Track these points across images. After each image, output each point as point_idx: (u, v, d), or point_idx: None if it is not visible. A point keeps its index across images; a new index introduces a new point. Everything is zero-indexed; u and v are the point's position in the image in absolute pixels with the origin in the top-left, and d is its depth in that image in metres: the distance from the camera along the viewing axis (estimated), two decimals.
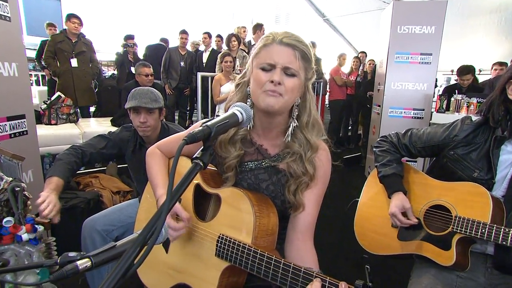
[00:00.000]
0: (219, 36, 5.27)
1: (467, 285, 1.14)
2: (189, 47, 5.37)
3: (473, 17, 6.40)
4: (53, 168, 1.56)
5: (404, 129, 1.45)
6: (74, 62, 4.09)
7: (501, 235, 1.00)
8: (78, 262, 0.57)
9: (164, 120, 1.88)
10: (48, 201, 1.35)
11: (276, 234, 0.90)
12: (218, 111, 3.90)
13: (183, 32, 4.87)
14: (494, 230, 1.01)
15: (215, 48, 5.23)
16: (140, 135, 1.72)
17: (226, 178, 0.98)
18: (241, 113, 0.74)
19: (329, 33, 9.51)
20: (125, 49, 4.70)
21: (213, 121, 0.68)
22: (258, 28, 4.64)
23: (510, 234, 0.98)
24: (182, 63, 4.86)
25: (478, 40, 6.83)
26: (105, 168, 3.38)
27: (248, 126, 0.94)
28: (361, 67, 5.87)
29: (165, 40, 5.45)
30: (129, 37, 4.96)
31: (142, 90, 1.68)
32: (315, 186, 0.96)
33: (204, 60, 5.06)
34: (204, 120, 1.06)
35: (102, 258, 0.59)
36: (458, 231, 1.10)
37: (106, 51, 6.52)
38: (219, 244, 0.86)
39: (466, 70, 4.10)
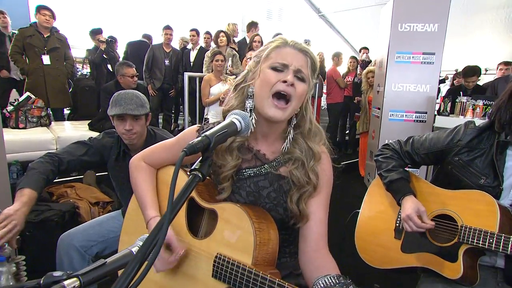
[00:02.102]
0: (208, 33, 5.28)
1: None
2: (176, 44, 5.38)
3: (479, 14, 6.59)
4: (25, 178, 1.53)
5: (406, 135, 1.50)
6: (46, 59, 4.02)
7: (509, 245, 1.04)
8: (65, 282, 0.57)
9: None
10: (7, 221, 1.27)
11: (276, 252, 0.91)
12: (207, 114, 3.92)
13: (168, 27, 4.88)
14: (502, 240, 1.06)
15: (204, 46, 5.25)
16: (126, 142, 1.72)
17: (222, 189, 1.00)
18: (240, 122, 0.76)
19: (325, 30, 9.65)
20: (106, 46, 4.65)
21: (211, 130, 0.70)
22: (253, 25, 4.69)
23: None
24: (166, 62, 4.87)
25: (484, 37, 7.04)
26: (82, 176, 3.35)
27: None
28: (359, 68, 5.97)
29: (148, 37, 5.46)
30: (97, 32, 4.87)
31: (126, 95, 1.67)
32: (320, 194, 1.00)
33: (192, 58, 5.08)
34: (196, 127, 1.09)
35: (92, 277, 0.60)
36: (465, 241, 1.14)
37: (82, 47, 6.47)
38: (216, 265, 0.87)
39: (471, 72, 4.24)
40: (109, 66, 4.83)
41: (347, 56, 6.33)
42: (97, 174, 3.37)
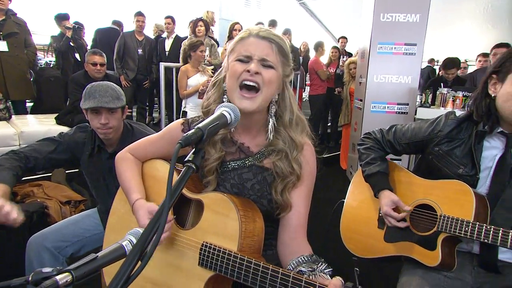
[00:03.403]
0: (169, 17, 5.10)
1: (454, 285, 1.29)
2: (150, 32, 5.29)
3: (459, 4, 6.87)
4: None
5: (388, 125, 1.59)
6: (3, 45, 3.85)
7: (483, 233, 1.14)
8: (58, 277, 0.60)
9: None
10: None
11: (262, 240, 0.98)
12: (184, 107, 3.91)
13: (139, 14, 4.80)
14: (477, 228, 1.16)
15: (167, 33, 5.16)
16: (101, 137, 1.72)
17: (207, 182, 1.04)
18: (229, 114, 0.81)
19: (306, 18, 9.74)
20: (73, 33, 4.50)
21: (203, 123, 0.74)
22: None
23: (491, 232, 1.13)
24: (139, 51, 4.80)
25: (464, 28, 7.37)
26: (50, 174, 3.28)
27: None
28: (342, 58, 6.10)
29: (118, 23, 5.34)
30: (63, 17, 4.71)
31: (101, 87, 1.66)
32: (302, 184, 1.06)
33: (167, 48, 5.01)
34: (181, 120, 1.13)
35: (84, 271, 0.63)
36: (443, 230, 1.24)
37: (43, 33, 6.21)
38: (202, 253, 0.92)
39: (451, 64, 4.45)
40: (77, 55, 4.69)
41: (329, 45, 6.45)
42: (67, 172, 3.30)
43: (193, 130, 0.71)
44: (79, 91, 3.54)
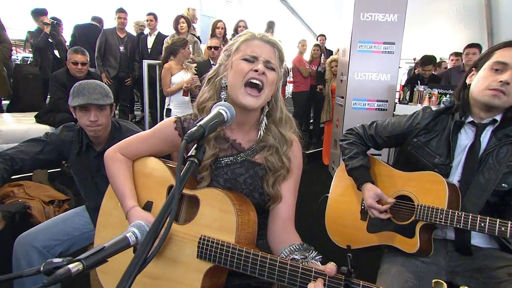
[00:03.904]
0: (151, 14, 5.04)
1: (430, 269, 1.39)
2: (131, 29, 5.23)
3: (434, 4, 7.14)
4: None
5: (369, 122, 1.69)
6: None
7: (455, 219, 1.25)
8: (70, 266, 0.65)
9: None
10: None
11: (256, 232, 1.04)
12: (168, 104, 3.91)
13: (121, 10, 4.74)
14: (450, 215, 1.26)
15: (150, 30, 5.10)
16: (90, 135, 1.73)
17: (202, 178, 1.10)
18: (226, 112, 0.87)
19: (287, 16, 9.84)
20: (51, 29, 4.39)
21: (204, 120, 0.80)
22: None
23: (462, 218, 1.23)
24: (121, 48, 4.75)
25: (439, 27, 7.65)
26: (31, 174, 3.22)
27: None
28: (323, 57, 6.22)
29: (98, 20, 5.24)
30: (41, 13, 4.59)
31: (89, 84, 1.67)
32: (291, 177, 1.14)
33: (149, 45, 4.97)
34: (174, 118, 1.17)
35: (93, 261, 0.68)
36: (421, 218, 1.34)
37: (18, 28, 6.01)
38: (201, 246, 0.97)
39: (428, 61, 4.66)
40: (56, 52, 4.58)
41: (310, 42, 6.56)
42: (49, 171, 3.26)
43: (195, 128, 0.76)
44: (60, 89, 3.50)
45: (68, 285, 1.98)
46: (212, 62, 4.09)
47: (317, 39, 6.80)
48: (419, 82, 4.16)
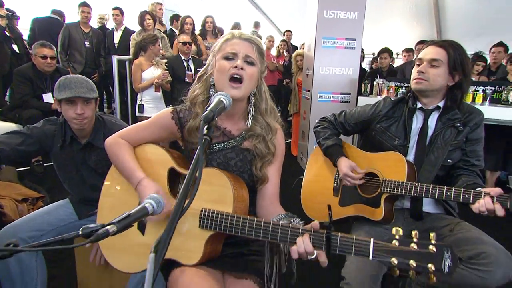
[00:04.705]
0: (117, 8, 5.09)
1: (390, 234, 1.63)
2: (95, 24, 5.13)
3: (390, 2, 7.62)
4: None
5: (337, 112, 1.92)
6: None
7: (413, 189, 1.49)
8: (107, 227, 0.77)
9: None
10: None
11: (248, 206, 1.21)
12: (141, 100, 3.94)
13: (84, 4, 4.65)
14: (408, 186, 1.51)
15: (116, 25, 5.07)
16: (76, 128, 1.77)
17: None
18: (226, 100, 1.02)
19: (252, 12, 9.98)
20: (8, 22, 4.22)
21: (211, 106, 0.95)
22: (175, 18, 4.74)
23: (418, 188, 1.48)
24: (87, 43, 4.65)
25: (395, 24, 8.19)
26: None
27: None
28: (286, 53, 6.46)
29: (59, 13, 5.07)
30: None
31: (76, 79, 1.73)
32: (276, 161, 1.32)
33: (116, 40, 4.92)
34: (170, 109, 1.30)
35: (124, 224, 0.80)
36: (385, 191, 1.58)
37: None
38: (202, 217, 1.11)
39: (383, 50, 5.13)
40: (14, 47, 4.41)
41: (277, 39, 6.79)
42: (18, 170, 3.19)
43: (207, 112, 0.90)
44: (26, 84, 3.43)
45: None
46: (182, 57, 4.16)
47: (284, 35, 7.03)
48: (378, 75, 4.50)
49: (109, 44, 4.97)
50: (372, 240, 0.93)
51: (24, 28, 5.05)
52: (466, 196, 1.36)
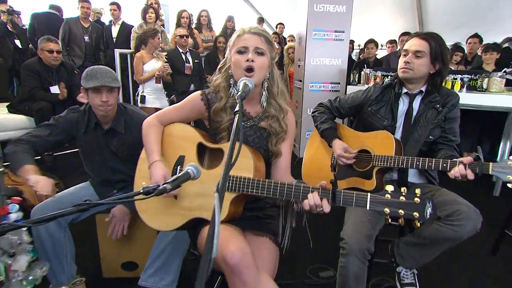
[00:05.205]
0: (114, 3, 5.15)
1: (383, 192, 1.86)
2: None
3: None
4: (15, 159, 1.76)
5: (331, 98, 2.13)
6: None
7: (400, 161, 1.72)
8: (165, 185, 0.96)
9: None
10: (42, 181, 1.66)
11: (264, 175, 1.41)
12: (142, 91, 4.07)
13: (84, 0, 4.71)
14: (396, 160, 1.73)
15: (113, 19, 5.14)
16: (100, 114, 1.93)
17: (221, 138, 1.45)
18: (250, 84, 1.20)
19: (243, 7, 10.08)
20: (11, 18, 4.27)
21: (240, 89, 1.14)
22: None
23: (404, 160, 1.70)
24: (86, 38, 4.73)
25: (379, 16, 8.42)
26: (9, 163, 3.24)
27: (235, 95, 1.42)
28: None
29: (57, 8, 5.11)
30: (0, 1, 4.49)
31: (101, 69, 1.88)
32: (288, 138, 1.52)
33: (114, 34, 5.00)
34: (200, 92, 1.49)
35: (176, 184, 0.99)
36: (376, 165, 1.80)
37: None
38: (217, 185, 1.31)
39: (369, 41, 5.41)
40: (17, 42, 4.46)
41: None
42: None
43: (240, 92, 1.10)
44: (34, 78, 3.53)
45: None
46: (181, 50, 4.30)
47: (276, 27, 7.18)
48: (365, 66, 4.73)
49: (107, 38, 5.05)
50: (369, 194, 1.14)
51: (23, 23, 5.08)
52: (444, 165, 1.59)
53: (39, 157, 3.84)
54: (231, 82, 1.44)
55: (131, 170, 1.94)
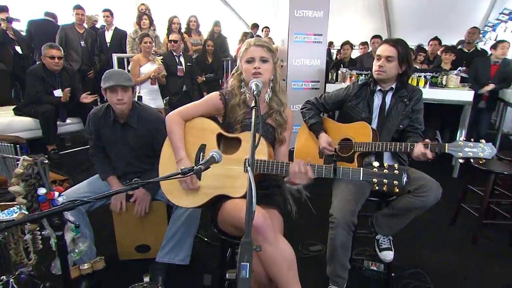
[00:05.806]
0: (107, 10, 5.22)
1: (362, 184, 2.11)
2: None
3: (348, 0, 8.17)
4: (100, 169, 2.19)
5: (306, 99, 2.38)
6: None
7: (376, 146, 1.99)
8: (199, 166, 1.17)
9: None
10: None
11: (273, 158, 1.65)
12: (139, 92, 4.19)
13: (78, 7, 4.76)
14: (373, 145, 2.00)
15: (106, 25, 5.20)
16: (117, 111, 2.10)
17: (235, 129, 1.67)
18: (259, 84, 1.43)
19: (224, 11, 10.17)
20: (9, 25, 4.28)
21: (253, 88, 1.38)
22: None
23: (380, 145, 1.97)
24: (82, 43, 4.78)
25: (352, 19, 8.79)
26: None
27: (246, 94, 1.65)
28: None
29: (52, 15, 5.12)
30: (1, 9, 4.49)
31: (116, 71, 2.08)
32: (288, 129, 1.77)
33: (108, 39, 5.07)
34: (218, 92, 1.72)
35: (203, 168, 1.19)
36: (357, 150, 2.06)
37: None
38: (246, 164, 1.53)
39: (345, 42, 5.77)
40: (18, 48, 4.46)
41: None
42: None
43: (256, 91, 1.34)
44: (39, 82, 3.60)
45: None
46: (174, 54, 4.44)
47: (262, 30, 7.38)
48: (342, 65, 5.02)
49: (101, 43, 5.11)
50: (361, 168, 1.40)
51: (20, 30, 5.04)
52: (411, 147, 1.87)
53: (46, 155, 3.91)
54: (242, 84, 1.68)
55: (143, 163, 2.15)
